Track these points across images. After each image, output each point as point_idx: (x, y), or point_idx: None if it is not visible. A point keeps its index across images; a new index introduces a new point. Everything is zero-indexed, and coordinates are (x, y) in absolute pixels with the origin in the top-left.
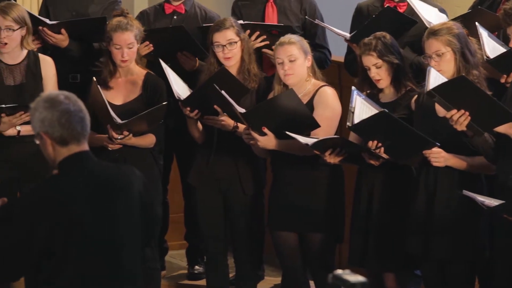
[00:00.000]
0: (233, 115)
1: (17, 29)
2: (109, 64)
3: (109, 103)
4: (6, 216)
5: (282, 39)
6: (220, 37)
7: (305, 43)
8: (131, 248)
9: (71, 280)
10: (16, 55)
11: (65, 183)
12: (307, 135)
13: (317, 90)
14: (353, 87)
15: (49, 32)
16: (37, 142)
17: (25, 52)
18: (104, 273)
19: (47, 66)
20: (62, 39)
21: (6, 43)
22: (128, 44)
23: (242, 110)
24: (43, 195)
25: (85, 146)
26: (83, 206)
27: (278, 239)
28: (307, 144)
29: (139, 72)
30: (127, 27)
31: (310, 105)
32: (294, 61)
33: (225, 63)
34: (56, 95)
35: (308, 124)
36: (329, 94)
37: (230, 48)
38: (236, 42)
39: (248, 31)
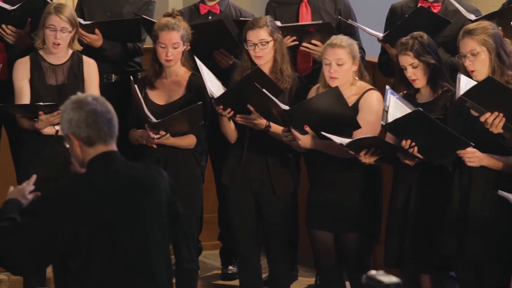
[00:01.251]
0: (266, 114)
1: (70, 31)
2: (155, 64)
3: (153, 102)
4: (34, 210)
5: (334, 40)
6: (253, 36)
7: (355, 47)
8: (159, 248)
9: (98, 280)
10: (61, 56)
11: (92, 182)
12: (349, 135)
13: (363, 94)
14: (387, 87)
15: (83, 32)
16: (67, 145)
17: (69, 52)
18: (132, 273)
19: (90, 68)
20: (96, 39)
21: (59, 44)
22: (173, 44)
23: (286, 107)
24: (69, 193)
25: (112, 147)
26: (109, 205)
27: (315, 238)
28: (342, 144)
29: (184, 73)
30: (174, 27)
31: (355, 107)
32: (342, 65)
33: (256, 61)
34: (84, 97)
35: (349, 124)
36: (375, 98)
37: (262, 47)
38: (268, 42)
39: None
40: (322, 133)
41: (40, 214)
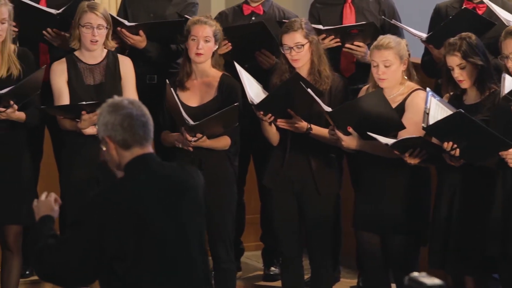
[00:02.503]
0: (307, 116)
1: (106, 27)
2: (186, 64)
3: (184, 104)
4: (75, 221)
5: (380, 41)
6: (288, 39)
7: (402, 47)
8: (198, 246)
9: (144, 281)
10: (96, 55)
11: (131, 185)
12: (393, 136)
13: (410, 93)
14: (427, 89)
15: (128, 33)
16: (103, 148)
17: (104, 52)
18: (177, 273)
19: (126, 66)
20: (140, 40)
21: (97, 41)
22: (205, 37)
23: (328, 109)
24: (109, 198)
25: (148, 149)
26: (150, 207)
27: (361, 240)
28: (387, 144)
29: (215, 74)
30: (206, 22)
31: (402, 107)
32: (389, 67)
33: (293, 64)
34: (120, 100)
35: (394, 126)
36: (421, 98)
37: (298, 50)
38: (303, 45)
39: (323, 35)
40: (368, 133)
41: (82, 223)
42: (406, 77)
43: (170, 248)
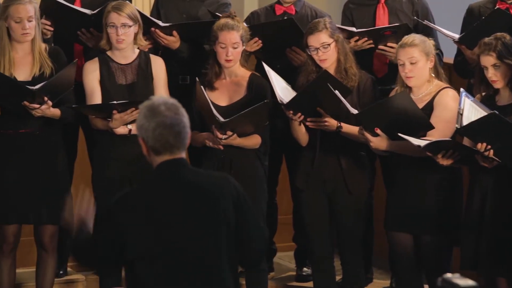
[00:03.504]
0: (336, 115)
1: (132, 26)
2: (214, 65)
3: (214, 104)
4: (102, 217)
5: (405, 40)
6: (314, 40)
7: (428, 43)
8: (221, 253)
9: (161, 283)
10: (128, 55)
11: (156, 188)
12: (422, 135)
13: (438, 92)
14: (461, 89)
15: (161, 34)
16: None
17: (136, 51)
18: (194, 277)
19: (158, 66)
20: (173, 40)
21: (123, 39)
22: (233, 44)
23: (355, 111)
24: (131, 200)
25: (179, 154)
26: (170, 212)
27: (393, 240)
28: (419, 146)
29: (244, 74)
30: (233, 27)
31: (430, 106)
32: (415, 64)
33: (321, 65)
34: (158, 104)
35: (422, 126)
36: (450, 97)
37: (324, 50)
38: (329, 45)
39: (356, 37)
40: (399, 134)
41: (107, 220)
42: (433, 75)
43: (188, 255)
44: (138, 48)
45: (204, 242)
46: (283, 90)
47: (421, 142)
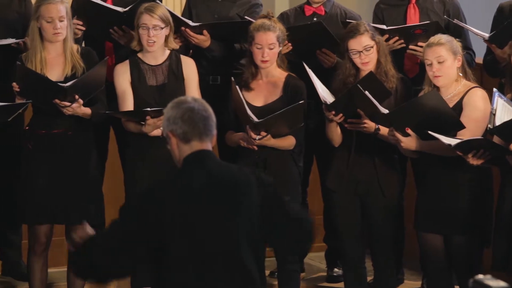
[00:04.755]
0: (375, 117)
1: (163, 28)
2: (251, 65)
3: (250, 104)
4: (129, 205)
5: (431, 39)
6: (356, 44)
7: (455, 43)
8: (248, 247)
9: (186, 276)
10: (158, 56)
11: (184, 180)
12: (453, 135)
13: (467, 91)
14: (494, 89)
15: (191, 33)
16: (168, 147)
17: (167, 53)
18: (221, 273)
19: (189, 67)
20: (204, 39)
21: (154, 42)
22: (269, 45)
23: (386, 111)
24: (162, 190)
25: (207, 145)
26: (195, 205)
27: (423, 241)
28: (450, 145)
29: (280, 75)
30: (269, 28)
31: (459, 106)
32: (443, 63)
33: (362, 68)
34: (184, 97)
35: (453, 125)
36: (479, 96)
37: (367, 53)
38: (372, 47)
39: (386, 36)
40: (430, 132)
41: (126, 212)
42: (461, 74)
43: (214, 250)
44: (167, 49)
45: (232, 233)
46: (325, 91)
47: (452, 141)
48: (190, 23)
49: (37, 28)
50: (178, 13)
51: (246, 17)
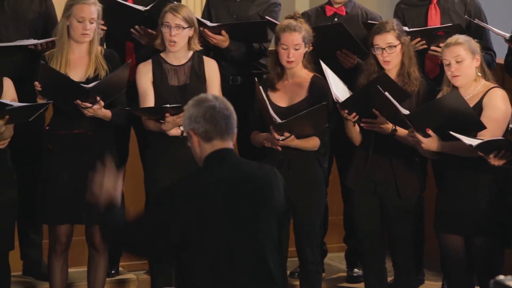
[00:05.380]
0: (393, 118)
1: (186, 28)
2: (276, 66)
3: (275, 105)
4: (154, 200)
5: (449, 40)
6: (380, 40)
7: (473, 43)
8: (269, 244)
9: (206, 273)
10: (181, 56)
11: (206, 177)
12: (473, 136)
13: (486, 92)
14: None
15: (210, 34)
16: (189, 144)
17: (190, 53)
18: (239, 267)
19: (211, 68)
20: (222, 39)
21: (175, 42)
22: (295, 45)
23: (406, 112)
24: (183, 188)
25: (229, 144)
26: (217, 202)
27: (444, 242)
28: (471, 145)
29: (306, 75)
30: (295, 28)
31: (479, 106)
32: (461, 62)
33: (384, 66)
34: (206, 95)
35: (474, 126)
36: (499, 96)
37: (389, 51)
38: (395, 46)
39: (408, 37)
40: (451, 132)
41: (158, 204)
42: (480, 74)
43: (233, 244)
44: (191, 50)
45: (253, 231)
46: (340, 89)
47: (473, 141)
48: (208, 23)
49: (66, 26)
50: (198, 13)
51: (266, 17)
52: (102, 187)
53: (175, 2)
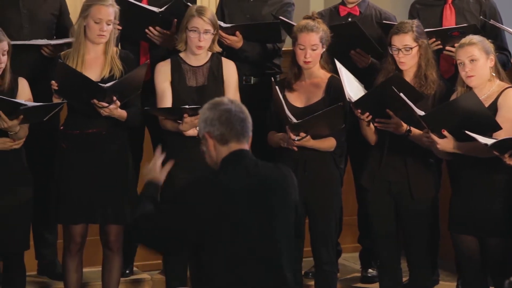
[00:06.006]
0: (407, 118)
1: (213, 33)
2: (294, 66)
3: (292, 105)
4: (171, 200)
5: (463, 40)
6: (397, 41)
7: (487, 43)
8: (284, 244)
9: (222, 273)
10: (201, 57)
11: (224, 178)
12: (489, 137)
13: (501, 92)
14: None
15: (224, 34)
16: (203, 148)
17: (209, 54)
18: (255, 268)
19: (230, 69)
20: (236, 40)
21: (202, 46)
22: (312, 45)
23: (421, 113)
24: (200, 188)
25: (245, 145)
26: (236, 202)
27: (458, 242)
28: (486, 144)
29: (323, 76)
30: (313, 29)
31: (494, 106)
32: (475, 62)
33: (400, 66)
34: (221, 99)
35: (489, 126)
36: None
37: (406, 53)
38: (412, 48)
39: (431, 40)
40: (467, 132)
41: (175, 203)
42: (494, 74)
43: (252, 245)
44: (209, 51)
45: (274, 233)
46: (354, 89)
47: (489, 141)
48: (223, 24)
49: (83, 26)
50: None
51: (280, 17)
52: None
53: (190, 4)
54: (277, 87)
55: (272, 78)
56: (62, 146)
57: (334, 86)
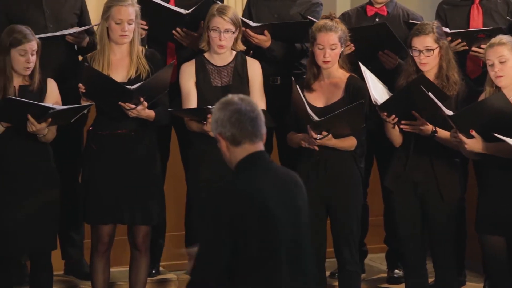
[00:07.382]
0: (433, 119)
1: (234, 31)
2: (313, 66)
3: (311, 105)
4: (207, 225)
5: (493, 40)
6: (418, 42)
7: None
8: (309, 244)
9: (250, 279)
10: (225, 57)
11: (244, 186)
12: None
13: None
14: None
15: (252, 33)
16: (219, 146)
17: (233, 54)
18: (287, 270)
19: (254, 69)
20: (264, 39)
21: (224, 45)
22: (331, 45)
23: (450, 113)
24: (224, 199)
25: (259, 146)
26: (272, 202)
27: (485, 243)
28: None
29: (342, 75)
30: (331, 28)
31: None
32: (505, 63)
33: (420, 68)
34: (231, 97)
35: None
36: None
37: (427, 54)
38: (433, 50)
39: (449, 38)
40: (495, 134)
41: (219, 222)
42: None
43: (281, 245)
44: (234, 50)
45: (301, 233)
46: (378, 91)
47: None
48: (251, 23)
49: (105, 28)
50: (239, 12)
51: (308, 16)
52: None
53: (218, 3)
54: (297, 86)
55: (292, 77)
56: (91, 146)
57: (354, 86)
